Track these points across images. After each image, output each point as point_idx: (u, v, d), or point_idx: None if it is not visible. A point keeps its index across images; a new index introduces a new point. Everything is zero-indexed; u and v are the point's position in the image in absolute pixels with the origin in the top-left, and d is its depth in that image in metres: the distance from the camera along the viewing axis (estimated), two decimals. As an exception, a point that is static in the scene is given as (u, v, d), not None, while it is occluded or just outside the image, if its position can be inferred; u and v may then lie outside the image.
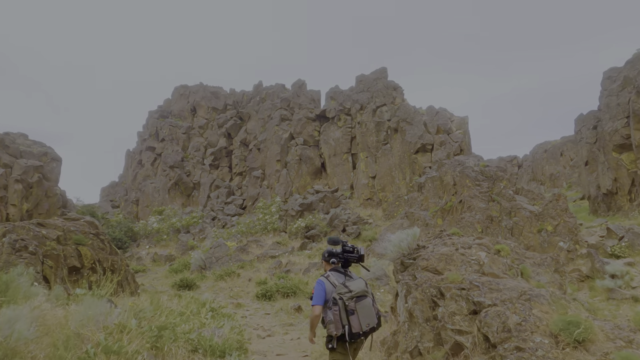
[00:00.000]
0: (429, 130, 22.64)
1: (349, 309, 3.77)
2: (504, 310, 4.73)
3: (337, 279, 4.01)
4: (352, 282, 3.98)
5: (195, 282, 16.20)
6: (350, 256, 4.21)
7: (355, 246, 4.29)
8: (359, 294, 3.86)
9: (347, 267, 4.24)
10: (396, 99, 25.48)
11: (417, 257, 6.11)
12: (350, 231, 21.12)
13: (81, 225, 10.03)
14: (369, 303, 3.89)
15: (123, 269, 10.36)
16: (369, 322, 3.82)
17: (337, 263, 4.20)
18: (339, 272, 4.11)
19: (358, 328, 3.75)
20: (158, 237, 27.52)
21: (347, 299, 3.80)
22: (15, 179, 27.42)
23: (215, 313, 9.57)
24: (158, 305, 6.65)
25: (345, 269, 4.20)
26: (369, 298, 3.93)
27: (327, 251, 4.29)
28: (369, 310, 3.85)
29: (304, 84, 33.90)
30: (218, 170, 37.65)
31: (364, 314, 3.80)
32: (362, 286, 3.96)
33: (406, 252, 6.35)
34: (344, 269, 4.18)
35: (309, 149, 30.61)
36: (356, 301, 3.81)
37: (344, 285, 3.90)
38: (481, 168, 16.18)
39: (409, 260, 6.22)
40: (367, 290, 3.97)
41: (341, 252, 4.22)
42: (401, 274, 6.17)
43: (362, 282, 4.04)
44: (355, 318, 3.76)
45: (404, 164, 23.08)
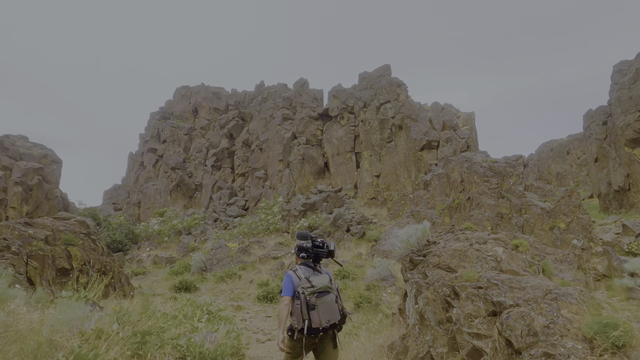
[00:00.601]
0: (434, 126, 22.05)
1: (309, 304, 3.76)
2: (528, 311, 4.19)
3: (304, 272, 4.00)
4: (316, 277, 3.94)
5: (194, 284, 15.72)
6: (319, 251, 4.19)
7: (325, 241, 4.27)
8: (321, 289, 3.82)
9: (317, 262, 4.19)
10: (400, 95, 24.93)
11: (427, 253, 5.59)
12: (354, 231, 20.58)
13: (71, 225, 9.57)
14: (331, 299, 3.83)
15: (115, 270, 9.87)
16: (330, 318, 3.79)
17: (306, 257, 4.18)
18: (308, 266, 4.11)
19: (317, 323, 3.73)
20: (159, 239, 27.09)
21: (308, 293, 3.79)
22: (14, 181, 27.10)
23: (212, 316, 9.08)
24: (146, 309, 6.15)
25: (315, 263, 4.16)
26: (332, 294, 3.87)
27: (297, 245, 4.31)
28: (330, 306, 3.81)
29: (306, 82, 33.43)
30: (220, 172, 37.22)
31: (324, 310, 3.77)
32: (325, 282, 3.89)
33: (415, 249, 5.82)
34: (313, 264, 4.14)
35: (312, 148, 30.11)
36: (317, 296, 3.78)
37: (308, 280, 3.88)
38: (489, 164, 15.62)
39: (418, 257, 5.69)
40: (331, 286, 3.90)
41: (311, 247, 4.20)
42: (410, 273, 5.64)
43: (326, 277, 3.97)
44: (316, 313, 3.75)
45: (409, 162, 22.51)
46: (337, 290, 3.99)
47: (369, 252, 18.88)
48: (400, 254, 5.92)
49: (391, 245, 5.90)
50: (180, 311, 8.26)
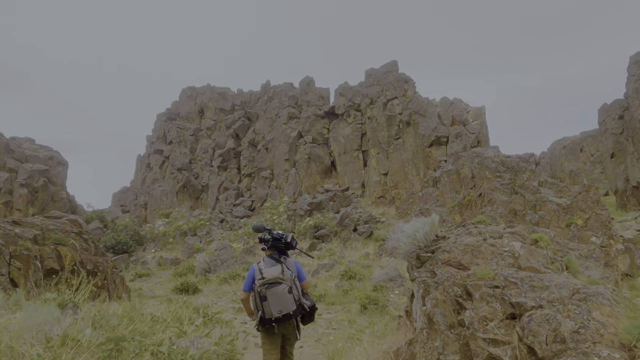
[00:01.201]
0: (443, 122, 21.37)
1: (261, 295, 3.85)
2: (553, 314, 3.62)
3: (263, 265, 4.07)
4: (269, 268, 3.98)
5: (196, 286, 15.28)
6: (277, 244, 4.25)
7: (284, 233, 4.29)
8: (271, 280, 3.86)
9: (282, 254, 4.25)
10: (407, 91, 24.30)
11: (436, 249, 5.03)
12: (361, 230, 20.01)
13: (62, 224, 9.15)
14: (282, 290, 3.84)
15: (109, 271, 9.44)
16: (281, 308, 3.82)
17: (267, 250, 4.29)
18: (272, 258, 4.16)
19: (269, 314, 3.83)
20: (164, 241, 26.78)
21: (259, 285, 3.89)
22: (20, 184, 27.02)
23: (208, 319, 8.60)
24: (130, 312, 5.68)
25: (281, 255, 4.22)
26: (284, 285, 3.86)
27: (258, 237, 4.42)
28: (281, 297, 3.82)
29: (312, 81, 32.94)
30: (227, 172, 36.89)
31: (274, 301, 3.81)
32: (276, 273, 3.92)
33: (423, 244, 5.27)
34: (278, 255, 4.19)
35: (318, 147, 29.59)
36: (267, 288, 3.83)
37: (260, 272, 3.97)
38: (502, 158, 14.96)
39: (426, 254, 5.14)
40: (282, 277, 3.90)
41: (271, 239, 4.26)
42: (417, 271, 5.08)
43: (278, 268, 3.98)
44: (267, 304, 3.82)
45: (418, 159, 21.86)
46: (292, 281, 3.97)
47: (377, 251, 18.29)
48: (406, 251, 5.36)
49: (396, 241, 5.36)
50: (172, 314, 7.79)
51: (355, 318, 10.92)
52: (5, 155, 27.81)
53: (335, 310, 11.97)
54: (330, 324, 10.18)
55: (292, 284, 4.00)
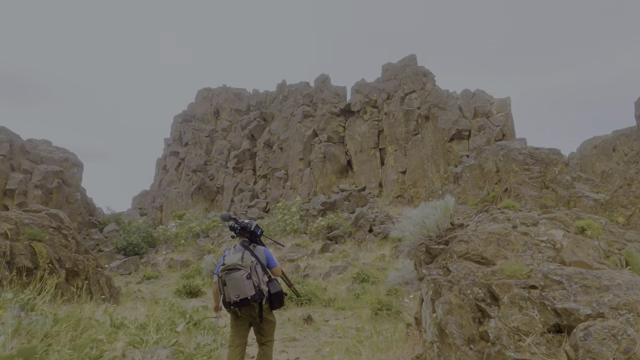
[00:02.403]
0: (464, 114, 19.94)
1: (222, 280, 4.06)
2: (622, 327, 2.47)
3: (229, 252, 4.28)
4: (231, 255, 4.17)
5: (200, 289, 14.40)
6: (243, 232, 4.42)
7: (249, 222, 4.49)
8: (229, 266, 4.05)
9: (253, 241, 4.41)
10: (426, 84, 23.00)
11: (451, 239, 3.92)
12: (377, 231, 18.81)
13: (40, 218, 8.37)
14: (240, 275, 3.99)
15: (90, 270, 8.58)
16: (238, 293, 3.98)
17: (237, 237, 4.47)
18: (242, 245, 4.31)
19: (228, 298, 4.03)
20: (176, 242, 26.19)
21: (220, 270, 4.10)
22: (34, 185, 26.96)
23: (193, 324, 7.64)
24: (77, 316, 4.75)
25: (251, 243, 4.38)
26: (243, 271, 4.02)
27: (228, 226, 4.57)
28: (237, 282, 3.98)
29: (327, 78, 31.98)
30: (242, 174, 36.23)
31: (232, 285, 3.99)
32: (235, 260, 4.09)
33: (434, 234, 4.16)
34: (248, 243, 4.36)
35: (334, 146, 28.53)
36: (226, 273, 4.02)
37: (223, 258, 4.21)
38: (530, 150, 13.57)
39: (438, 246, 4.03)
40: (241, 264, 4.06)
41: (239, 228, 4.44)
42: (426, 268, 3.98)
43: (238, 255, 4.15)
44: (227, 289, 4.02)
45: (437, 155, 20.50)
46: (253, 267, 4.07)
47: (393, 253, 17.06)
48: (413, 243, 4.26)
49: (400, 229, 4.25)
50: (151, 318, 6.84)
51: (365, 325, 9.78)
52: (20, 157, 27.86)
53: (344, 316, 10.85)
54: (336, 332, 9.08)
55: (252, 270, 4.09)
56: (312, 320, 9.87)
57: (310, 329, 9.46)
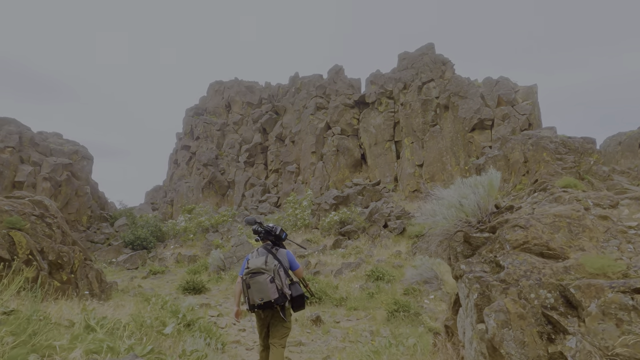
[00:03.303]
0: (487, 103, 18.67)
1: (246, 283, 4.17)
2: None
3: (253, 255, 4.35)
4: (255, 259, 4.25)
5: (204, 285, 13.63)
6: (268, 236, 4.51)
7: (274, 226, 4.55)
8: (253, 270, 4.14)
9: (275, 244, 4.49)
10: (445, 72, 21.78)
11: (499, 225, 2.96)
12: (392, 226, 17.79)
13: (22, 205, 7.60)
14: (264, 279, 4.08)
15: (77, 263, 7.78)
16: (262, 296, 4.06)
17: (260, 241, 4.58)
18: (265, 249, 4.38)
19: (252, 301, 4.11)
20: (185, 237, 25.56)
21: (245, 274, 4.22)
22: (43, 177, 26.59)
23: (185, 325, 6.79)
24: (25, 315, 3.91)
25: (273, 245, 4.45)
26: (266, 275, 4.12)
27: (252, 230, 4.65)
28: (261, 285, 4.07)
29: (341, 69, 30.93)
30: (253, 168, 35.48)
31: (255, 289, 4.08)
32: (258, 264, 4.16)
33: (474, 219, 3.20)
34: (271, 246, 4.43)
35: (347, 139, 27.50)
36: (250, 277, 4.13)
37: (247, 262, 4.30)
38: (563, 138, 12.38)
39: (481, 234, 3.07)
40: (265, 268, 4.15)
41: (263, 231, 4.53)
42: (465, 262, 3.01)
43: (262, 259, 4.22)
44: (250, 292, 4.12)
45: (457, 146, 19.29)
46: (276, 271, 4.15)
47: (410, 250, 16.03)
48: (446, 231, 3.30)
49: (430, 214, 3.27)
50: (135, 319, 6.00)
51: (380, 328, 8.82)
52: (30, 149, 27.54)
53: (357, 317, 9.91)
54: (347, 336, 8.13)
55: (276, 274, 4.18)
56: (321, 321, 8.95)
57: (319, 331, 8.54)
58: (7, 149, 26.34)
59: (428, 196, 16.72)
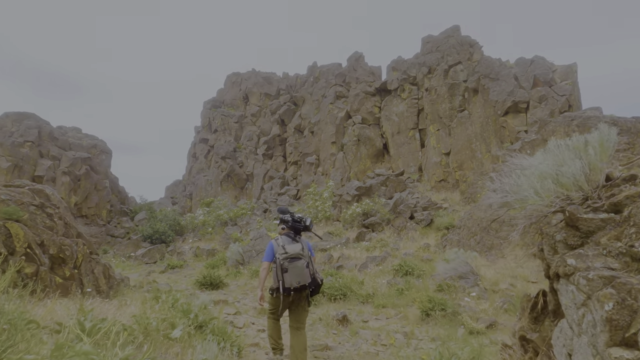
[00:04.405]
0: (521, 84, 17.35)
1: (283, 268, 4.39)
2: None
3: (283, 241, 4.60)
4: (291, 245, 4.52)
5: (222, 280, 12.95)
6: (297, 225, 4.79)
7: (303, 217, 4.85)
8: (293, 255, 4.42)
9: (297, 234, 4.75)
10: (474, 54, 20.50)
11: (631, 200, 2.05)
12: (419, 218, 16.78)
13: (20, 194, 6.96)
14: (302, 264, 4.40)
15: (80, 257, 7.10)
16: (300, 280, 4.36)
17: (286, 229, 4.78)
18: (288, 237, 4.66)
19: (289, 284, 4.35)
20: (203, 230, 25.11)
21: (282, 259, 4.43)
22: (62, 171, 26.52)
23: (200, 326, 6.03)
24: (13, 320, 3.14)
25: (295, 234, 4.72)
26: (303, 260, 4.44)
27: (279, 219, 4.90)
28: (300, 270, 4.37)
29: (361, 56, 29.83)
30: (272, 160, 34.82)
31: (294, 273, 4.36)
32: (297, 250, 4.48)
33: (578, 195, 2.29)
34: (293, 235, 4.69)
35: (369, 128, 26.47)
36: (289, 262, 4.39)
37: (283, 247, 4.52)
38: (612, 118, 11.15)
39: (594, 215, 2.16)
40: (302, 254, 4.46)
41: (291, 221, 4.80)
42: (574, 255, 2.11)
43: (299, 246, 4.53)
44: (288, 275, 4.36)
45: (488, 132, 18.05)
46: (309, 257, 4.55)
47: (439, 242, 15.02)
48: (535, 212, 2.40)
49: (512, 190, 2.37)
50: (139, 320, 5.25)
51: (415, 329, 7.92)
52: (49, 143, 27.50)
53: (386, 316, 9.03)
54: (379, 337, 7.27)
55: (309, 260, 4.57)
56: (348, 321, 8.10)
57: (346, 332, 7.70)
58: (27, 144, 26.36)
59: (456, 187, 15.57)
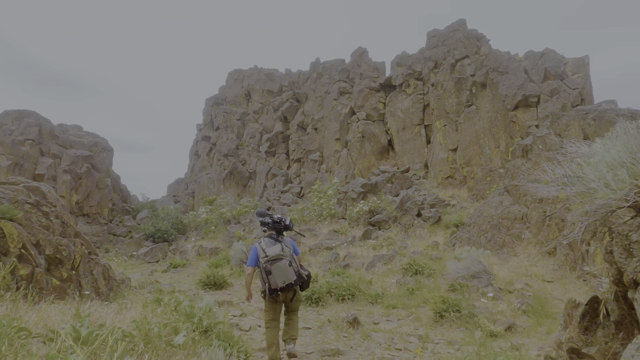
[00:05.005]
0: (531, 78, 16.93)
1: (266, 270, 4.57)
2: None
3: (265, 244, 4.76)
4: (271, 247, 4.67)
5: (226, 280, 12.62)
6: (277, 225, 4.95)
7: (282, 217, 5.01)
8: (273, 257, 4.57)
9: (280, 234, 4.93)
10: (481, 48, 20.08)
11: None
12: (427, 215, 16.41)
13: (14, 191, 6.62)
14: (284, 264, 4.52)
15: (78, 258, 6.76)
16: (285, 279, 4.50)
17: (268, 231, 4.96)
18: (271, 238, 4.83)
19: (275, 285, 4.55)
20: (206, 229, 24.78)
21: (264, 262, 4.60)
22: (63, 170, 26.21)
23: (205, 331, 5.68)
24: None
25: (278, 235, 4.90)
26: (285, 260, 4.56)
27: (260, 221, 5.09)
28: (283, 270, 4.50)
29: (365, 52, 29.40)
30: (275, 158, 34.47)
31: (278, 274, 4.50)
32: (277, 251, 4.61)
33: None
34: (276, 235, 4.88)
35: (373, 124, 26.07)
36: (271, 263, 4.54)
37: (264, 251, 4.66)
38: (630, 111, 10.74)
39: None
40: (283, 254, 4.60)
41: (271, 222, 4.96)
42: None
43: (279, 246, 4.67)
44: (272, 277, 4.54)
45: (497, 127, 17.62)
46: (291, 256, 4.67)
47: (448, 240, 14.66)
48: (603, 206, 2.03)
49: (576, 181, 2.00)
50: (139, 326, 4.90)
51: (429, 331, 7.57)
52: (49, 141, 27.19)
53: (398, 317, 8.68)
54: (392, 341, 6.91)
55: (291, 258, 4.68)
56: (359, 323, 7.75)
57: (357, 335, 7.35)
58: (27, 142, 26.05)
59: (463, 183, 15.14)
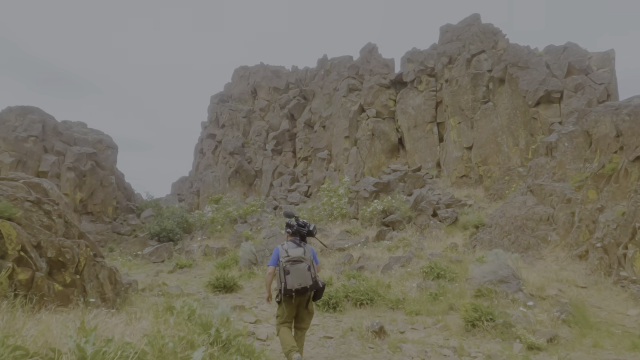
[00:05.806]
0: (554, 72, 16.27)
1: (285, 270, 4.66)
2: None
3: (288, 246, 4.87)
4: (294, 249, 4.79)
5: (236, 282, 12.06)
6: (301, 229, 5.00)
7: (307, 222, 5.08)
8: (295, 259, 4.69)
9: (302, 239, 4.98)
10: (498, 42, 19.41)
11: None
12: (443, 215, 15.79)
13: (13, 188, 6.06)
14: (303, 267, 4.64)
15: (82, 261, 6.20)
16: (301, 282, 4.58)
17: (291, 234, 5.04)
18: (293, 242, 4.93)
19: (291, 285, 4.59)
20: (212, 228, 24.24)
21: (284, 262, 4.71)
22: (67, 167, 25.71)
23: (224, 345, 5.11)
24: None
25: (301, 240, 4.96)
26: (305, 264, 4.67)
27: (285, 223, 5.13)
28: (301, 272, 4.62)
29: (374, 48, 28.77)
30: (281, 156, 33.90)
31: (295, 275, 4.60)
32: (299, 253, 4.74)
33: None
34: (298, 240, 4.95)
35: (383, 122, 25.44)
36: (291, 264, 4.65)
37: (286, 251, 4.79)
38: (668, 106, 10.08)
39: None
40: (304, 257, 4.73)
41: (296, 225, 5.03)
42: None
43: (301, 250, 4.79)
44: (290, 277, 4.61)
45: (516, 124, 16.96)
46: (310, 261, 4.79)
47: (468, 242, 14.03)
48: None
49: None
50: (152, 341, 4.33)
51: (462, 342, 6.96)
52: (53, 138, 26.72)
53: (424, 325, 8.08)
54: (426, 354, 6.31)
55: (311, 263, 4.80)
56: (385, 333, 7.15)
57: (384, 346, 6.76)
58: (31, 138, 25.57)
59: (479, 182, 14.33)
